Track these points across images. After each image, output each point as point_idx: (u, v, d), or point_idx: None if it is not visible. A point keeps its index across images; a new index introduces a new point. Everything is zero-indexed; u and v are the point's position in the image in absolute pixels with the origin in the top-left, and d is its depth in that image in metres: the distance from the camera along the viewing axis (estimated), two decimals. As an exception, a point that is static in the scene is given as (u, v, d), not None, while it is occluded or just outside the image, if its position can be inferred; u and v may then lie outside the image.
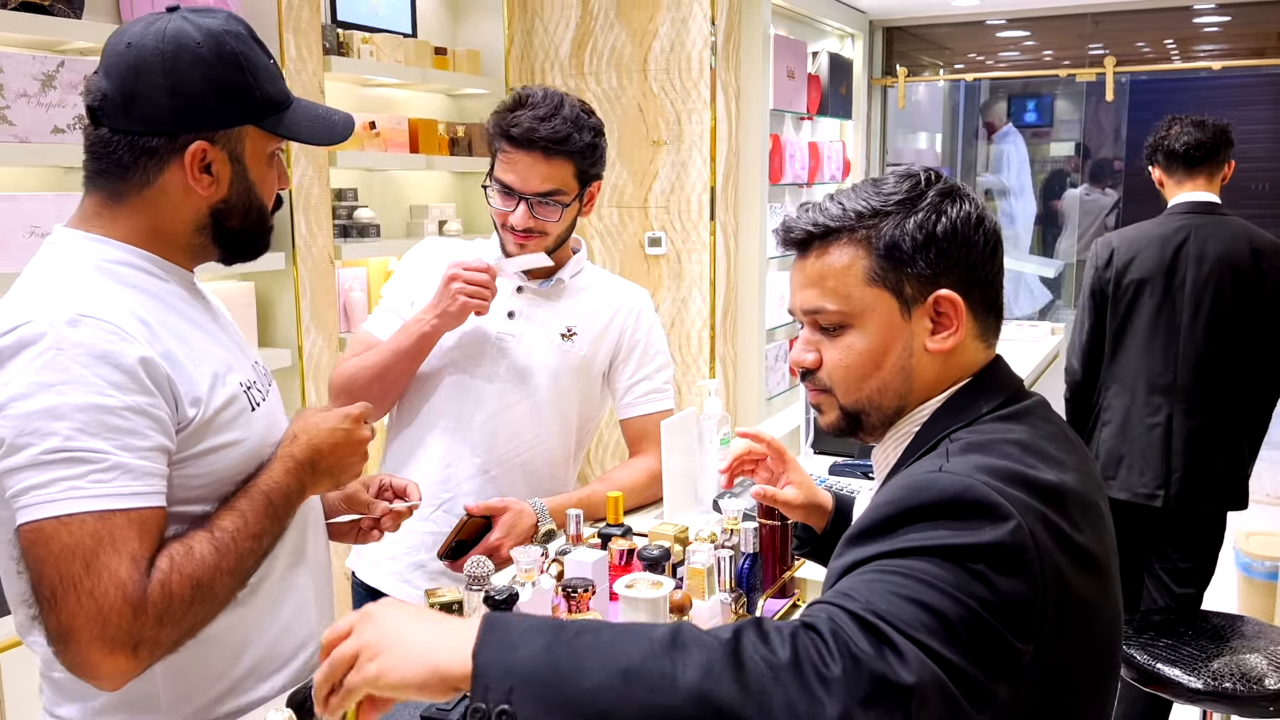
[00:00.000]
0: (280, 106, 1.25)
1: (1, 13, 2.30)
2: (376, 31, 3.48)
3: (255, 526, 1.18)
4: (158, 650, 1.08)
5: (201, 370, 1.19)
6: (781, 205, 4.47)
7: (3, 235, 2.32)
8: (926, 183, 1.09)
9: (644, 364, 1.97)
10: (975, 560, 0.87)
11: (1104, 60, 4.89)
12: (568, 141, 1.78)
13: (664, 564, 1.41)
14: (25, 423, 1.05)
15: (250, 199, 1.26)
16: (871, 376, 1.09)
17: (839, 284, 1.08)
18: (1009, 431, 1.03)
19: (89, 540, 1.04)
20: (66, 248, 1.20)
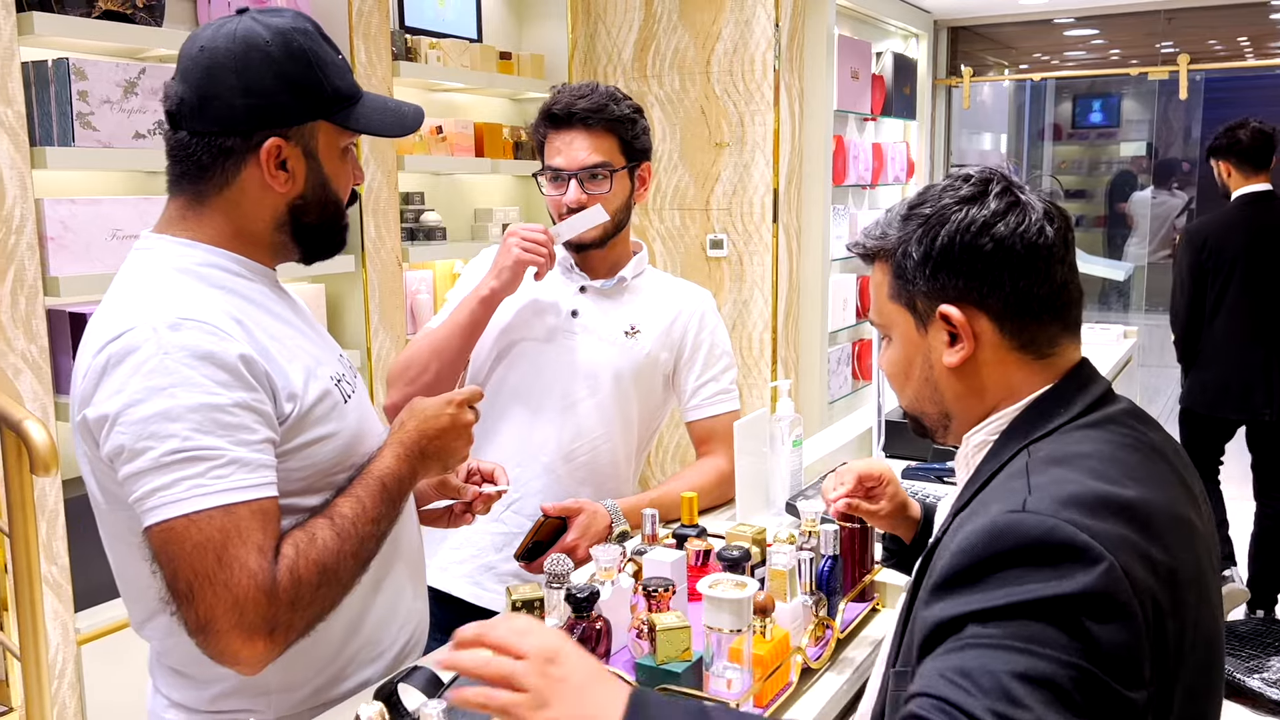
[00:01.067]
0: (350, 100, 1.25)
1: (86, 21, 2.36)
2: (443, 37, 3.52)
3: (373, 511, 1.20)
4: (291, 634, 1.11)
5: (294, 366, 1.22)
6: (845, 207, 4.43)
7: (87, 238, 2.38)
8: (942, 191, 1.08)
9: (710, 365, 1.97)
10: (1072, 612, 0.86)
11: (1177, 58, 4.78)
12: (605, 110, 1.83)
13: (744, 565, 1.39)
14: (143, 427, 1.08)
15: (326, 193, 1.27)
16: (904, 385, 1.15)
17: (876, 297, 1.15)
18: (1089, 441, 1.01)
19: (217, 534, 1.07)
20: (156, 253, 1.23)
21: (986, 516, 0.93)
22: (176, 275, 1.20)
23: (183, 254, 1.22)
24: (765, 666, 1.25)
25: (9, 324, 2.21)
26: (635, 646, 1.32)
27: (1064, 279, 1.07)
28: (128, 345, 1.11)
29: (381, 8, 3.06)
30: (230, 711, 1.26)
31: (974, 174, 1.08)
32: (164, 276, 1.19)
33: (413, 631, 1.42)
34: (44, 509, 2.24)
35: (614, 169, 1.85)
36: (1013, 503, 0.93)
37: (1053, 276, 1.06)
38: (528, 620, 0.93)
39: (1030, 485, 0.95)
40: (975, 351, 1.07)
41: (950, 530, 1.00)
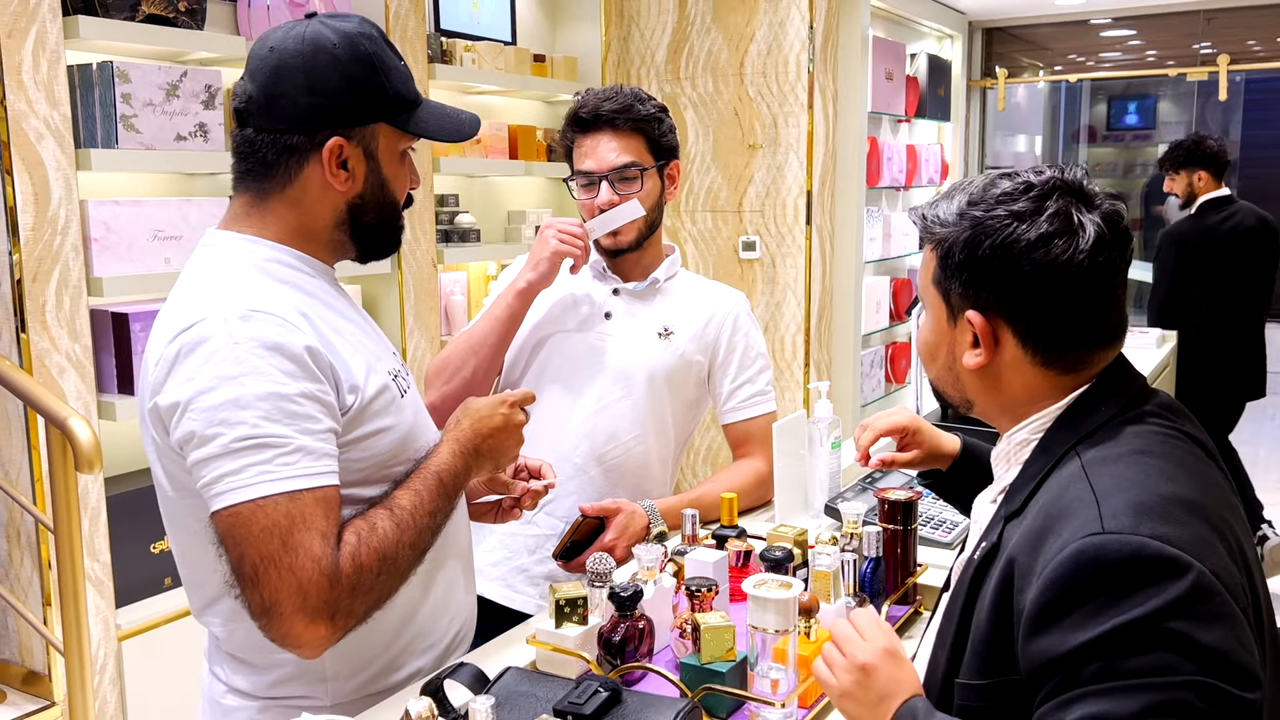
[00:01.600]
0: (411, 105, 1.29)
1: (130, 24, 2.39)
2: (478, 39, 3.53)
3: (430, 504, 1.23)
4: (351, 619, 1.14)
5: (356, 360, 1.24)
6: (879, 209, 4.41)
7: (129, 239, 2.41)
8: (998, 200, 1.05)
9: (745, 367, 1.96)
10: (1173, 626, 0.87)
11: (1216, 59, 4.72)
12: (631, 110, 1.84)
13: (787, 566, 1.39)
14: (213, 414, 1.11)
15: (384, 194, 1.30)
16: (930, 364, 1.17)
17: (921, 278, 1.15)
18: (1136, 438, 1.01)
19: (283, 520, 1.09)
20: (222, 249, 1.26)
21: (1066, 539, 0.93)
22: (243, 270, 1.23)
23: (248, 250, 1.25)
24: (809, 667, 1.24)
25: (54, 323, 2.24)
26: (678, 646, 1.32)
27: (1106, 303, 1.05)
28: (199, 335, 1.14)
29: (417, 10, 3.08)
30: (288, 698, 1.28)
31: (1037, 184, 1.05)
32: (231, 271, 1.23)
33: (463, 624, 1.44)
34: (86, 506, 2.27)
35: (644, 168, 1.85)
36: (1087, 518, 0.93)
37: (1092, 303, 1.04)
38: (870, 626, 1.08)
39: (1096, 493, 0.95)
40: (994, 360, 1.07)
41: (1015, 542, 1.00)
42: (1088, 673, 0.89)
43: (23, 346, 2.20)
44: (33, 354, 2.21)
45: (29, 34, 2.17)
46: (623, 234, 1.87)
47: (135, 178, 2.64)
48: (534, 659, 1.34)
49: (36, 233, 2.20)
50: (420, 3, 3.09)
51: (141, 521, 2.43)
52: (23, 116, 2.17)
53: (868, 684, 1.04)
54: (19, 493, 2.22)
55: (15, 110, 2.15)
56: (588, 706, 1.11)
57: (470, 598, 1.47)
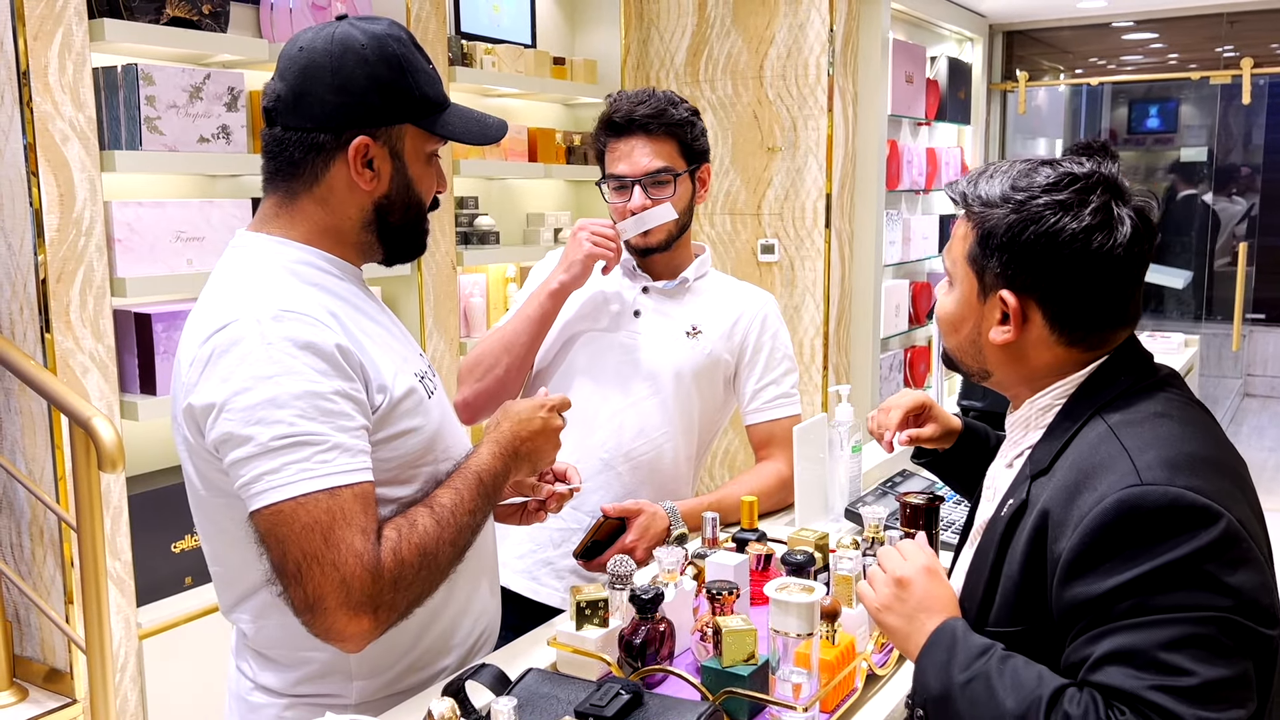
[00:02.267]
0: (438, 108, 1.30)
1: (154, 27, 2.41)
2: (498, 42, 3.54)
3: (470, 504, 1.24)
4: (394, 614, 1.15)
5: (384, 360, 1.25)
6: (898, 212, 4.39)
7: (152, 240, 2.42)
8: (1047, 188, 1.09)
9: (770, 369, 1.95)
10: (1204, 568, 0.95)
11: (1239, 62, 4.68)
12: (665, 115, 1.84)
13: (809, 569, 1.38)
14: (250, 414, 1.12)
15: (409, 195, 1.30)
16: (950, 335, 1.21)
17: (954, 249, 1.18)
18: (1157, 403, 1.09)
19: (324, 516, 1.10)
20: (253, 251, 1.27)
21: (1105, 491, 1.00)
22: (273, 271, 1.24)
23: (278, 252, 1.27)
24: (832, 672, 1.24)
25: (77, 323, 2.26)
26: (699, 649, 1.31)
27: (1132, 290, 1.12)
28: (233, 336, 1.15)
29: (438, 13, 3.09)
30: (314, 695, 1.29)
31: (1080, 177, 1.09)
32: (262, 272, 1.24)
33: (487, 625, 1.44)
34: (108, 505, 2.29)
35: (676, 173, 1.86)
36: (1124, 471, 1.01)
37: (1121, 290, 1.11)
38: (912, 548, 1.16)
39: (1128, 451, 1.03)
40: (1020, 337, 1.13)
41: (1048, 496, 1.06)
42: (1120, 609, 0.97)
43: (47, 346, 2.22)
44: (56, 354, 2.23)
45: (55, 36, 2.19)
46: (653, 234, 1.87)
47: (158, 179, 2.66)
48: (555, 660, 1.34)
49: (61, 234, 2.22)
50: (441, 5, 3.10)
51: (163, 521, 2.45)
52: (49, 119, 2.19)
53: (904, 597, 1.12)
54: (42, 491, 2.24)
55: (41, 112, 2.17)
56: (609, 709, 1.10)
57: (494, 599, 1.47)
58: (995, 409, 2.40)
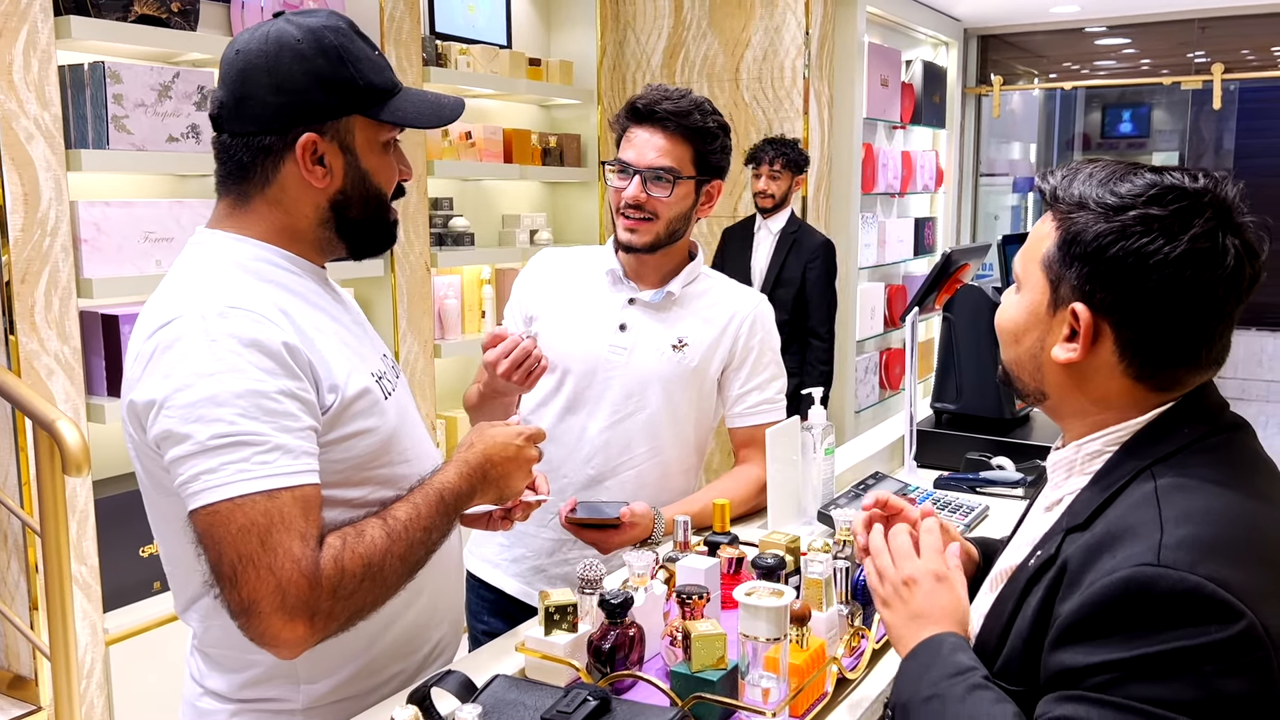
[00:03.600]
0: (386, 94, 1.25)
1: (122, 25, 2.38)
2: (473, 43, 3.53)
3: (427, 520, 1.21)
4: (332, 623, 1.12)
5: (337, 360, 1.23)
6: (873, 215, 4.40)
7: (119, 240, 2.39)
8: (1148, 200, 0.97)
9: (756, 373, 1.94)
10: (1202, 666, 0.86)
11: (1210, 67, 4.73)
12: (688, 117, 1.79)
13: (779, 573, 1.37)
14: (189, 411, 1.10)
15: (366, 187, 1.27)
16: (1011, 345, 1.10)
17: (1029, 250, 1.07)
18: (1218, 466, 0.97)
19: (261, 519, 1.08)
20: (209, 247, 1.26)
21: (1120, 563, 0.91)
22: (226, 267, 1.22)
23: (234, 248, 1.25)
24: (801, 676, 1.23)
25: (42, 325, 2.23)
26: (669, 654, 1.30)
27: (1219, 331, 0.99)
28: (176, 332, 1.13)
29: (413, 14, 3.07)
30: (261, 700, 1.26)
31: (1190, 194, 0.97)
32: (214, 268, 1.22)
33: (444, 634, 1.42)
34: (74, 509, 2.25)
35: (679, 176, 1.80)
36: (1146, 547, 0.90)
37: (1203, 330, 0.98)
38: (929, 548, 1.13)
39: (1163, 522, 0.92)
40: (1086, 359, 1.01)
41: (1073, 555, 0.97)
42: (1095, 682, 0.89)
43: (11, 348, 2.19)
44: (21, 356, 2.19)
45: (20, 34, 2.15)
46: (638, 235, 1.84)
47: (126, 179, 2.62)
48: (523, 666, 1.33)
49: (26, 233, 2.19)
50: (415, 6, 3.08)
51: (130, 525, 2.42)
52: (13, 117, 2.16)
53: (907, 598, 1.09)
54: (6, 495, 2.20)
55: (5, 110, 2.14)
56: (576, 715, 1.09)
57: (457, 607, 1.46)
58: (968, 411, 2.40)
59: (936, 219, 5.09)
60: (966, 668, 1.00)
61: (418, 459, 1.32)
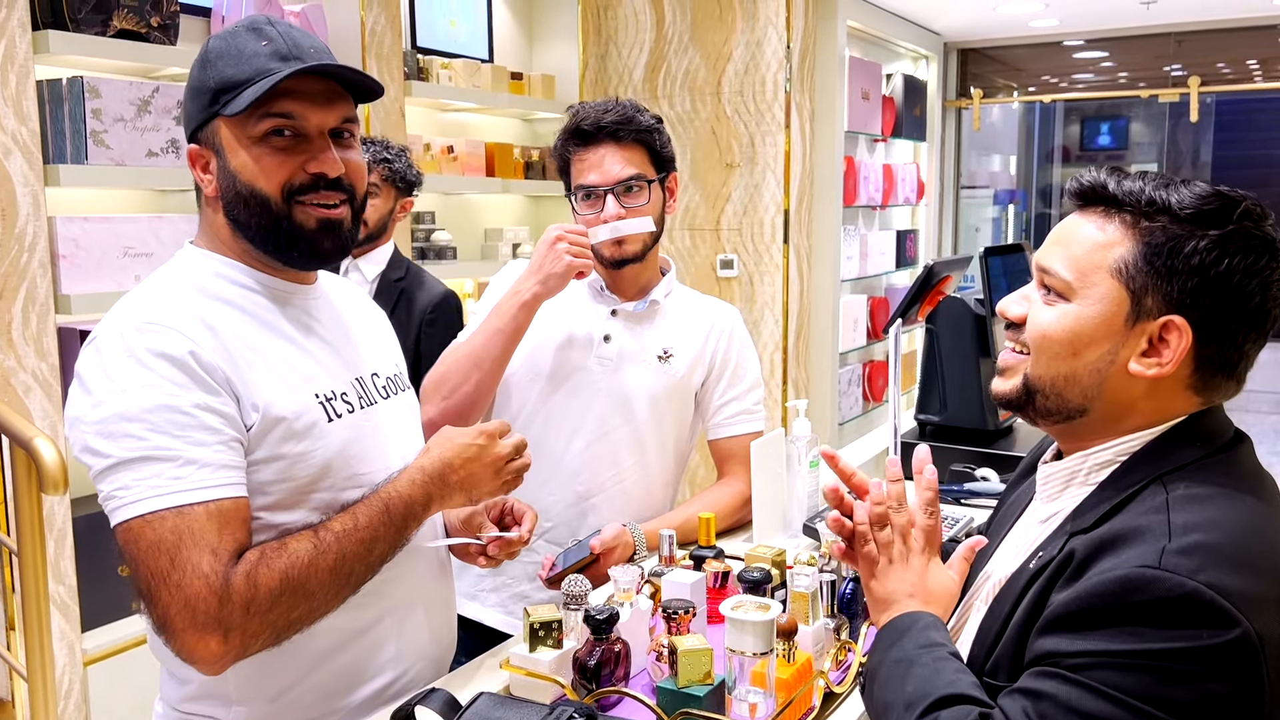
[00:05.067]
0: (240, 86, 1.17)
1: (101, 39, 2.36)
2: (455, 57, 3.53)
3: (366, 531, 1.18)
4: (251, 638, 1.10)
5: (267, 379, 1.20)
6: (855, 227, 4.42)
7: (98, 256, 2.37)
8: (1241, 216, 0.96)
9: (734, 384, 1.94)
10: (1191, 663, 0.86)
11: (1187, 81, 4.78)
12: (633, 122, 1.80)
13: (765, 587, 1.37)
14: (103, 427, 1.10)
15: (236, 187, 1.21)
16: (1065, 359, 1.02)
17: (1085, 255, 1.00)
18: (1229, 479, 0.97)
19: (170, 536, 1.08)
20: (175, 262, 1.27)
21: (1121, 562, 0.91)
22: (172, 283, 1.22)
23: (199, 264, 1.25)
24: (788, 690, 1.22)
25: (20, 341, 2.20)
26: (655, 669, 1.30)
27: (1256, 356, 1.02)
28: (98, 348, 1.15)
29: (394, 28, 3.07)
30: (195, 715, 1.25)
31: (1268, 218, 0.97)
32: (158, 285, 1.23)
33: (407, 667, 1.35)
34: (52, 528, 2.23)
35: (649, 180, 1.81)
36: (1150, 551, 0.90)
37: (1260, 345, 1.00)
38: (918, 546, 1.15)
39: (1170, 527, 0.92)
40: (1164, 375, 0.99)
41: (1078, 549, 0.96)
42: (1072, 664, 0.89)
43: (-12, 365, 2.16)
44: (-2, 373, 2.17)
45: (-3, 48, 2.14)
46: (629, 244, 1.81)
47: (105, 194, 2.60)
48: (507, 684, 1.32)
49: (3, 249, 2.17)
50: (397, 20, 3.08)
51: (109, 544, 2.38)
52: (-10, 131, 2.13)
53: (904, 574, 1.13)
54: (-18, 514, 2.17)
55: (-18, 125, 2.12)
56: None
57: (431, 644, 1.40)
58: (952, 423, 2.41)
59: (918, 231, 5.12)
60: (938, 642, 1.04)
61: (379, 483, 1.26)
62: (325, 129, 1.22)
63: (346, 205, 1.26)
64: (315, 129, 1.21)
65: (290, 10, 2.80)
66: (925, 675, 0.99)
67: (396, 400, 1.38)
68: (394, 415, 1.37)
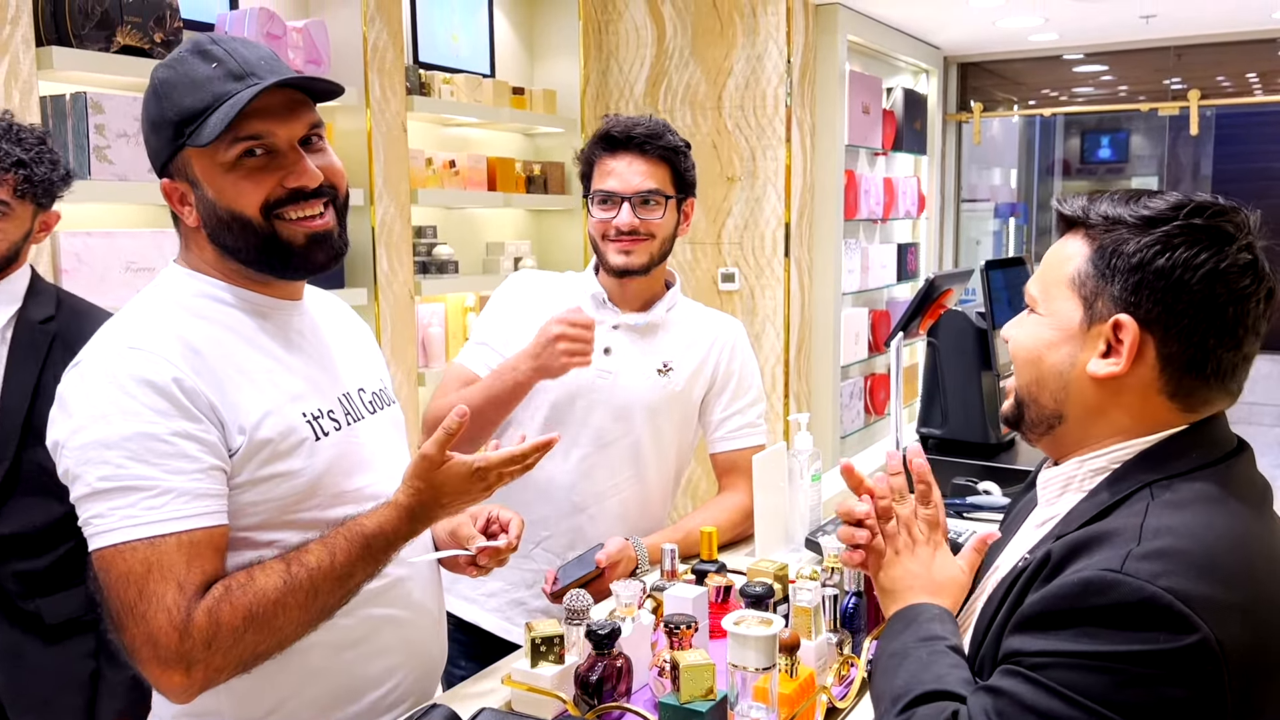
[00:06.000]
0: (201, 114, 1.15)
1: (105, 55, 2.37)
2: (456, 72, 3.54)
3: (343, 568, 1.16)
4: (213, 672, 1.10)
5: (252, 400, 1.19)
6: (856, 241, 4.43)
7: (101, 270, 2.37)
8: (1189, 213, 0.98)
9: (737, 397, 1.94)
10: (1147, 667, 0.87)
11: (1187, 94, 4.79)
12: (662, 139, 1.83)
13: (767, 602, 1.37)
14: (82, 454, 1.10)
15: (218, 213, 1.20)
16: (1031, 367, 1.08)
17: (1050, 273, 1.07)
18: (1216, 488, 0.98)
19: (140, 567, 1.08)
20: (160, 282, 1.27)
21: (1089, 564, 0.92)
22: (156, 304, 1.22)
23: (183, 283, 1.25)
24: (791, 705, 1.22)
25: (22, 356, 2.20)
26: (657, 685, 1.29)
27: (1247, 357, 1.02)
28: (81, 373, 1.14)
29: (396, 43, 3.08)
30: None
31: (1227, 209, 1.00)
32: (148, 306, 1.22)
33: (401, 679, 1.35)
34: (53, 543, 2.22)
35: (667, 196, 1.84)
36: (1115, 554, 0.91)
37: (1241, 349, 1.00)
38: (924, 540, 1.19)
39: (1141, 532, 0.93)
40: (1123, 375, 1.01)
41: (1055, 550, 0.98)
42: (1031, 662, 0.91)
43: (-10, 380, 2.16)
44: (0, 387, 2.16)
45: (1, 64, 2.15)
46: (636, 255, 1.83)
47: (108, 209, 2.61)
48: (509, 699, 1.31)
49: (6, 264, 2.17)
50: (398, 35, 3.09)
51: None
52: (-7, 147, 2.14)
53: (912, 567, 1.16)
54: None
55: (-14, 141, 2.12)
56: None
57: (424, 652, 1.40)
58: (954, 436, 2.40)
59: (919, 244, 5.12)
60: (939, 635, 1.05)
61: (370, 500, 1.25)
62: (295, 140, 1.21)
63: (330, 207, 1.24)
64: (285, 143, 1.20)
65: (292, 26, 2.81)
66: (914, 669, 1.02)
67: (383, 415, 1.37)
68: (380, 431, 1.36)
